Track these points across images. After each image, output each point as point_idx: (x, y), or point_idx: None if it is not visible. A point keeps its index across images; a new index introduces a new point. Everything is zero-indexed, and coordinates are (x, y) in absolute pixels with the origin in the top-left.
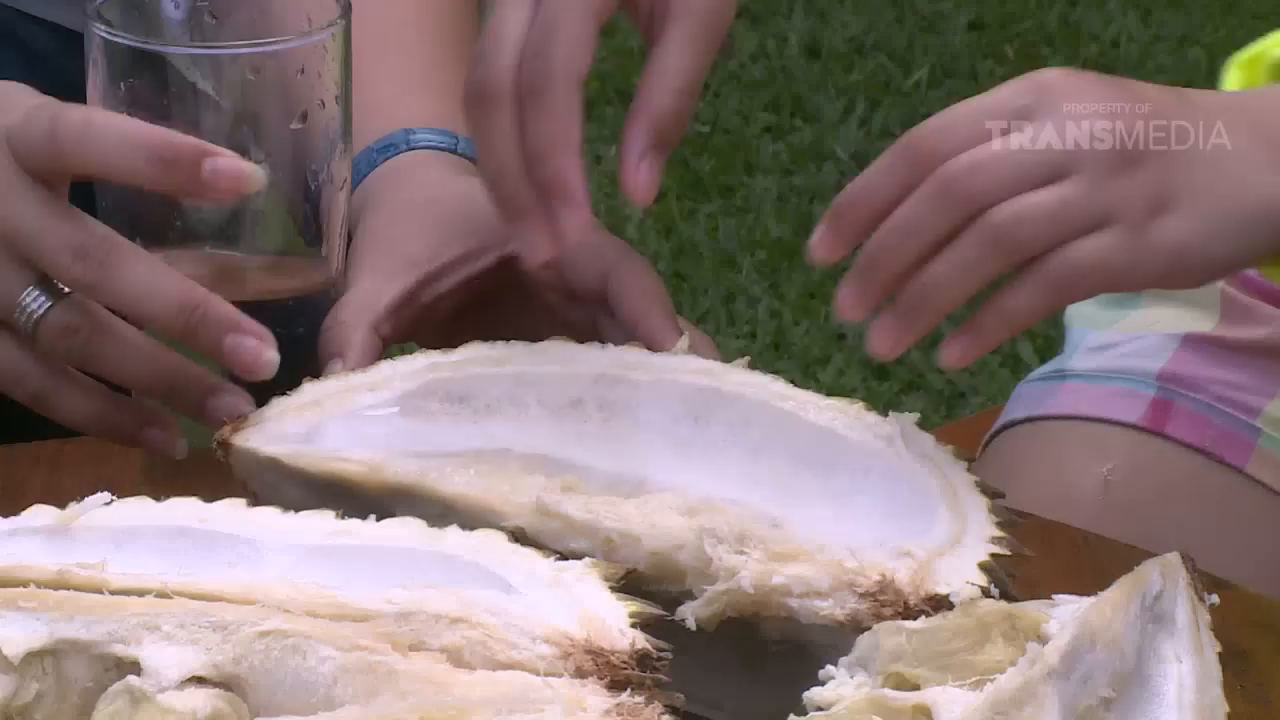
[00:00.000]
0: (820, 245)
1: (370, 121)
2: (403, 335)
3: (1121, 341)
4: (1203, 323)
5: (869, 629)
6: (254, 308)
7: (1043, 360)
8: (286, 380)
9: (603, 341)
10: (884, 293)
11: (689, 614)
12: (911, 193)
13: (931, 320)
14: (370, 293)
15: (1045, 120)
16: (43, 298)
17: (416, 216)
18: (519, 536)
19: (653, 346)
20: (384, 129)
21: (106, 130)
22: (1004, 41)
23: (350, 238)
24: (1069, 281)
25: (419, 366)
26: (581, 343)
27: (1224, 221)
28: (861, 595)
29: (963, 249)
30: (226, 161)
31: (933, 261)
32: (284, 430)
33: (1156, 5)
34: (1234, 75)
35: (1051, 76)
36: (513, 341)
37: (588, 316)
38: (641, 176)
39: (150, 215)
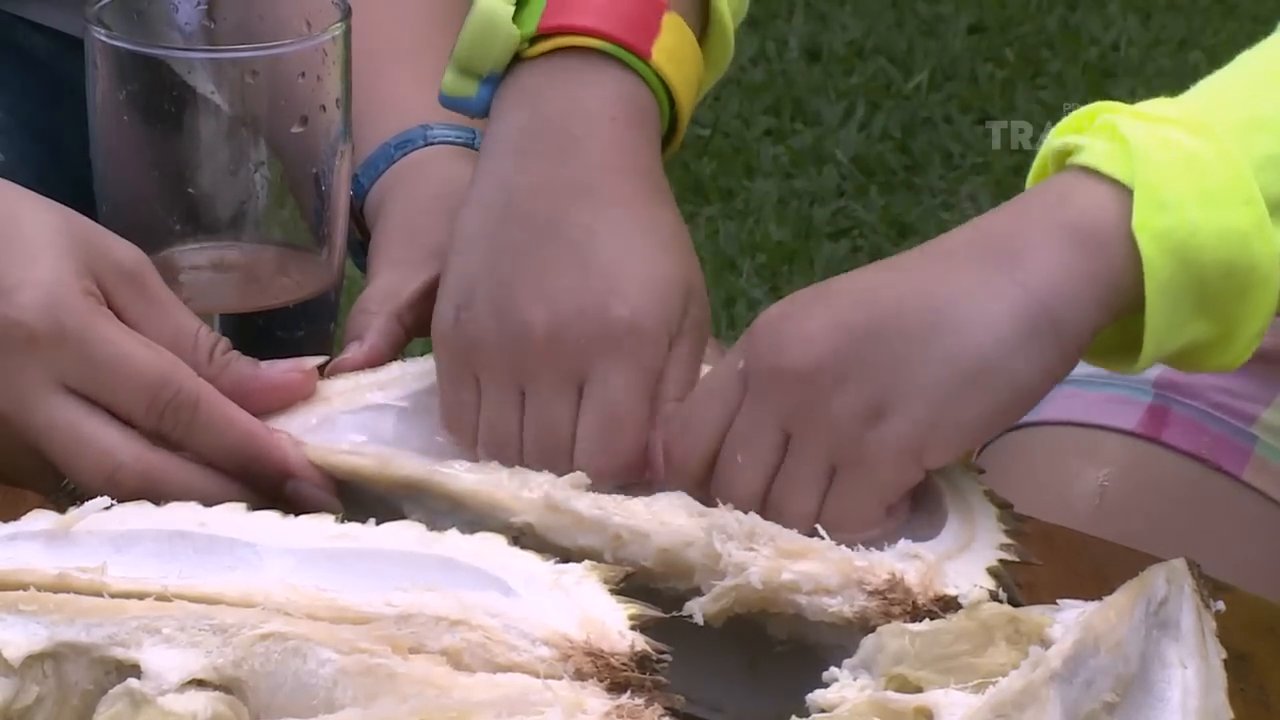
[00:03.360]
0: None
1: (387, 117)
2: (425, 327)
3: None
4: None
5: (875, 629)
6: (257, 311)
7: None
8: None
9: None
10: None
11: (696, 609)
12: None
13: None
14: (393, 284)
15: (756, 392)
16: (76, 489)
17: (435, 209)
18: (526, 533)
19: None
20: (401, 125)
21: (209, 425)
22: (1004, 45)
23: (369, 233)
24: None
25: (429, 367)
26: None
27: (955, 391)
28: (870, 593)
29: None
30: (309, 489)
31: None
32: (292, 425)
33: (1157, 9)
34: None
35: (756, 337)
36: None
37: None
38: None
39: (152, 217)
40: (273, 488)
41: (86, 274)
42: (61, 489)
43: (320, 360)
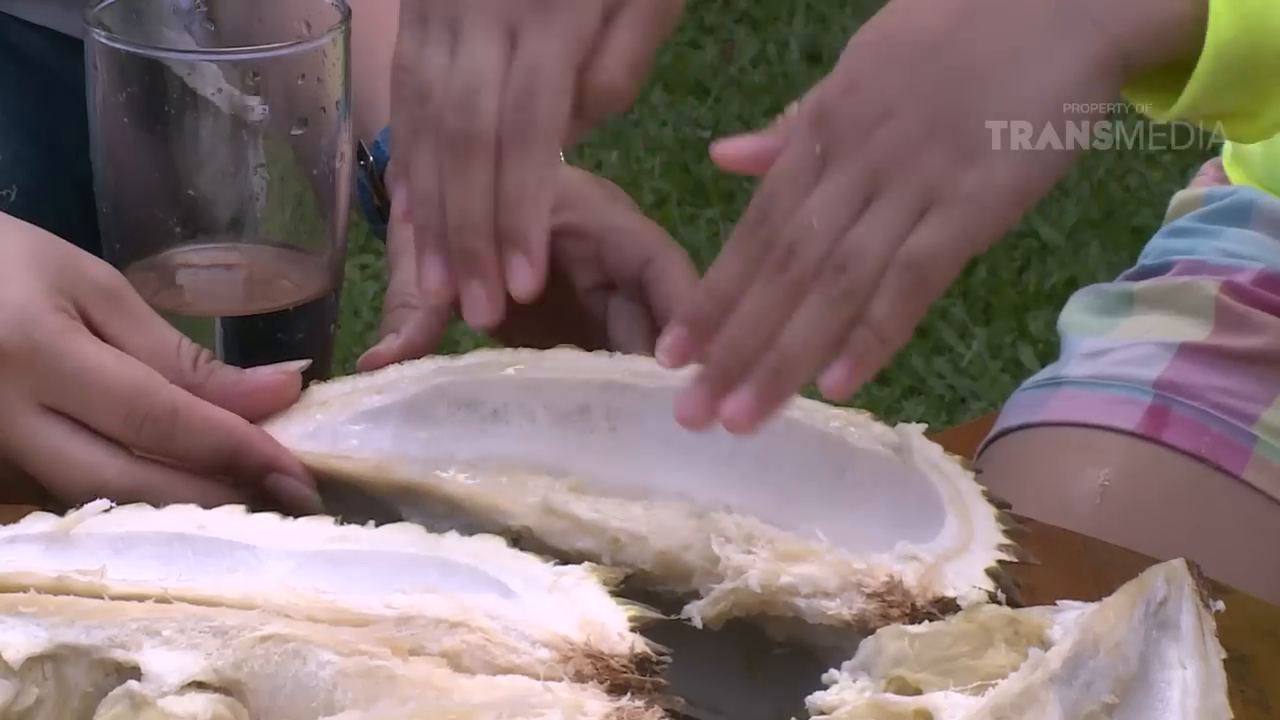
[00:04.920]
0: (673, 353)
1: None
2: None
3: (1116, 348)
4: (1196, 330)
5: (874, 631)
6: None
7: (1044, 365)
8: None
9: (611, 335)
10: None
11: (695, 613)
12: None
13: (798, 385)
14: None
15: (839, 158)
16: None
17: None
18: (524, 536)
19: None
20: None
21: (189, 429)
22: None
23: (389, 201)
24: (921, 281)
25: (426, 371)
26: (597, 328)
27: (1037, 119)
28: (869, 596)
29: (811, 310)
30: (290, 482)
31: (786, 331)
32: (290, 430)
33: None
34: None
35: (827, 103)
36: (520, 348)
37: (603, 304)
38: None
39: (151, 218)
40: (258, 482)
41: (58, 293)
42: (48, 500)
43: (304, 364)
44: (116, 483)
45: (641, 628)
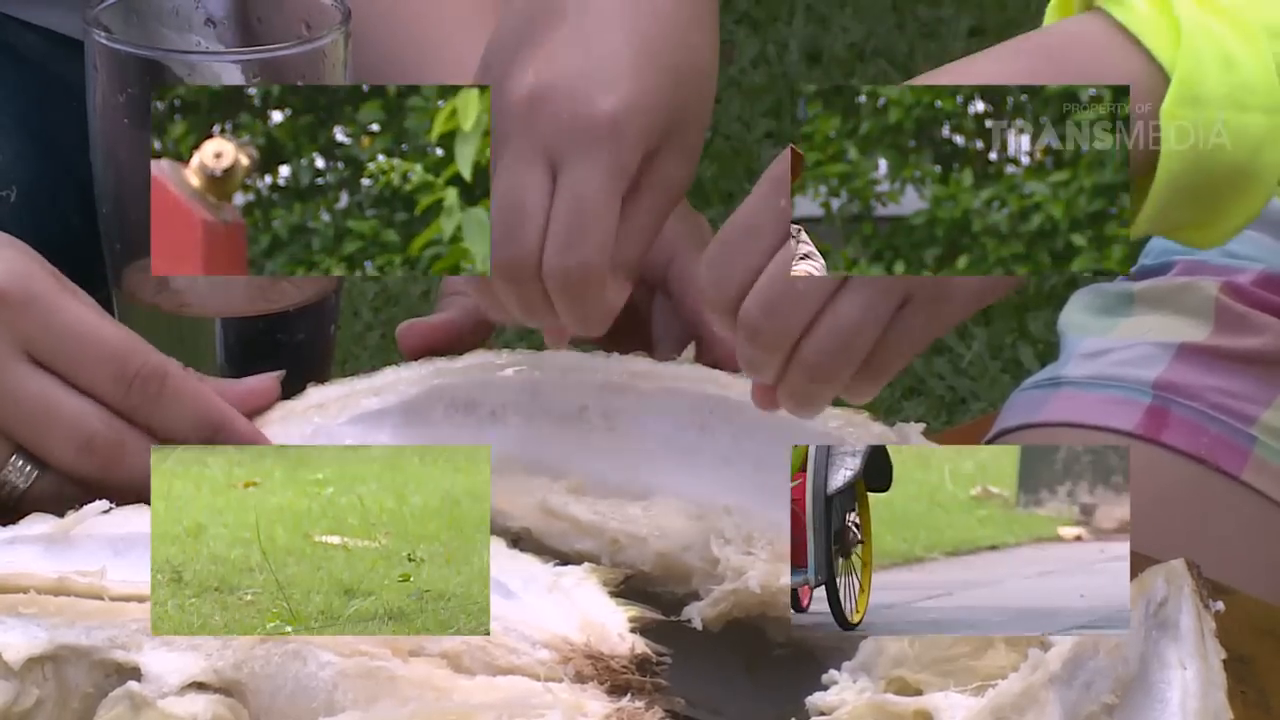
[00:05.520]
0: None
1: (430, 63)
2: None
3: (1115, 348)
4: (1196, 331)
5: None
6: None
7: (1044, 365)
8: (290, 387)
9: (651, 324)
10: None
11: (695, 614)
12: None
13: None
14: None
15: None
16: (28, 468)
17: None
18: (524, 537)
19: (716, 346)
20: (444, 74)
21: (178, 395)
22: None
23: None
24: (893, 369)
25: (424, 373)
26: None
27: None
28: None
29: (794, 386)
30: None
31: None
32: (288, 433)
33: None
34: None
35: (782, 168)
36: (517, 350)
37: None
38: None
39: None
40: None
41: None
42: (10, 466)
43: (280, 374)
44: (103, 435)
45: (641, 628)
